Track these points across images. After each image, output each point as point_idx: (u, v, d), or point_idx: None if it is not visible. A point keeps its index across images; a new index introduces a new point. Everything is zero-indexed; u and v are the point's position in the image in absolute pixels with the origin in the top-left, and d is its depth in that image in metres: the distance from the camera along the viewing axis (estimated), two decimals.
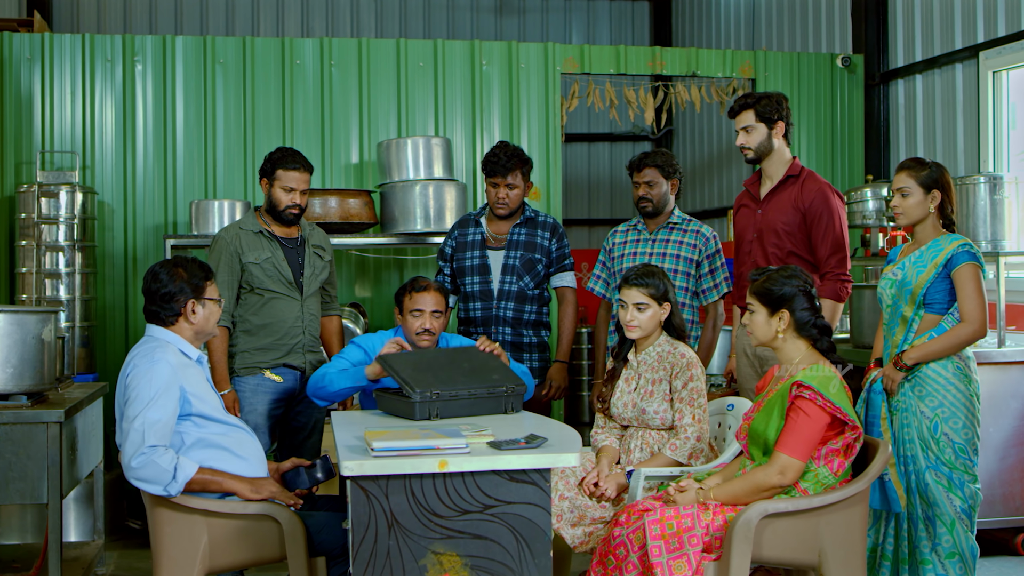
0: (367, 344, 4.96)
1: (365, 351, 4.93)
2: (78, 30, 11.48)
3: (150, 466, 3.85)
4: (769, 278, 4.10)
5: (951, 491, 4.44)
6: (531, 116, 7.67)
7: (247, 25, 12.02)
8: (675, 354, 4.55)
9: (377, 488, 3.48)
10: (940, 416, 4.45)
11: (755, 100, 5.19)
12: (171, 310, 4.07)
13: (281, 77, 7.41)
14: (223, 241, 5.12)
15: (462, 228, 5.67)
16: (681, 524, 3.81)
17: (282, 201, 5.13)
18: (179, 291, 4.06)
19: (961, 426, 4.45)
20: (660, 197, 5.58)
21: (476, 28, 12.52)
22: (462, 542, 3.53)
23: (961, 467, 4.44)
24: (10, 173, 7.06)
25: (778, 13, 9.88)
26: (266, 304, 5.13)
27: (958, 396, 4.46)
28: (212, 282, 4.18)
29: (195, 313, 4.09)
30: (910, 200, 4.58)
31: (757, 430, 4.02)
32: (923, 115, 7.67)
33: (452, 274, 5.64)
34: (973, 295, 4.42)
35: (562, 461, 3.59)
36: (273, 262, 5.12)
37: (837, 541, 3.85)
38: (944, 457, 4.44)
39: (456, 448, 3.54)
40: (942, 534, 4.43)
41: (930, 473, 4.45)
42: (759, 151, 5.23)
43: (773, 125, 5.18)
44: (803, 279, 4.10)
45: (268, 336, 5.13)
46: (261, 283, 5.10)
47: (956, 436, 4.44)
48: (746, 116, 5.20)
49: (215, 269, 5.05)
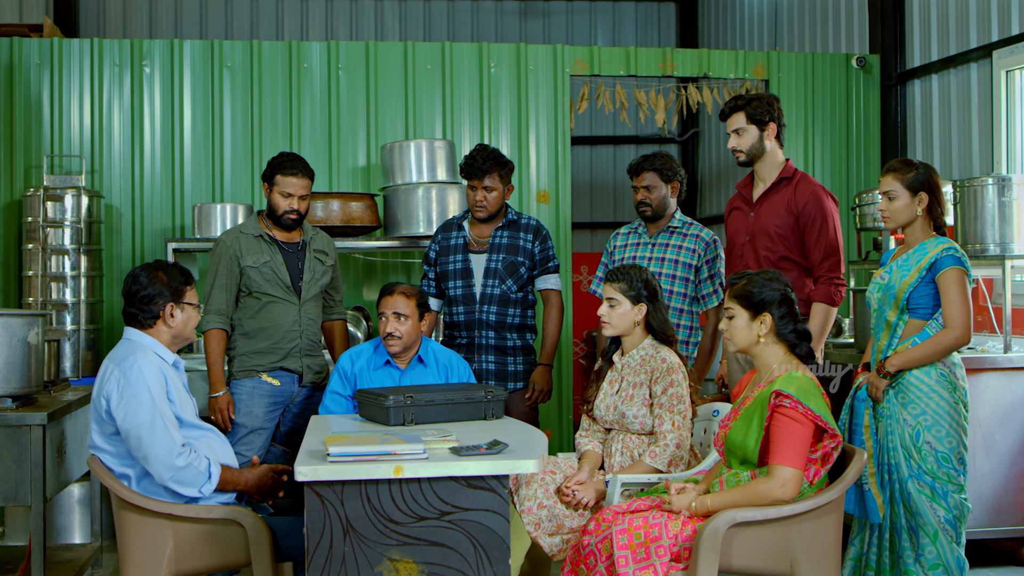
0: (345, 365, 4.97)
1: (342, 375, 4.94)
2: (104, 35, 11.57)
3: (190, 468, 3.87)
4: (750, 281, 4.02)
5: (934, 501, 4.32)
6: (540, 119, 7.62)
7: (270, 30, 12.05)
8: (656, 359, 4.48)
9: (332, 493, 3.45)
10: (923, 424, 4.33)
11: (745, 102, 5.11)
12: (149, 312, 4.07)
13: (288, 80, 7.42)
14: (223, 244, 5.15)
15: (445, 232, 5.63)
16: (648, 534, 3.74)
17: (280, 206, 5.16)
18: (158, 294, 4.06)
19: (944, 435, 4.33)
20: (660, 201, 5.54)
21: (500, 31, 12.46)
22: (419, 549, 3.49)
23: (944, 476, 4.32)
24: (19, 177, 7.12)
25: (799, 13, 9.75)
26: (263, 308, 5.15)
27: (941, 404, 4.34)
28: (192, 287, 4.18)
29: (173, 316, 4.09)
30: (896, 203, 4.46)
31: (735, 440, 3.93)
32: (939, 116, 7.52)
33: (436, 278, 5.61)
34: (957, 300, 4.30)
35: (520, 468, 3.53)
36: (272, 266, 5.15)
37: (810, 550, 3.76)
38: (926, 466, 4.32)
39: (413, 454, 3.51)
40: (925, 544, 4.32)
41: (912, 482, 4.34)
42: (751, 153, 5.15)
43: (764, 127, 5.10)
44: (783, 282, 4.03)
45: (265, 340, 5.15)
46: (259, 287, 5.12)
47: (939, 445, 4.32)
48: (737, 118, 5.13)
49: (215, 272, 5.07)
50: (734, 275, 4.11)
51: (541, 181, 7.59)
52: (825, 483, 3.87)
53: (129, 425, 3.85)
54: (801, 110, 8.01)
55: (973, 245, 5.93)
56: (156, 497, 3.91)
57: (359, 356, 4.96)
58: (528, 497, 4.37)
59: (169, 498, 3.92)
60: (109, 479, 3.92)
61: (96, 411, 3.97)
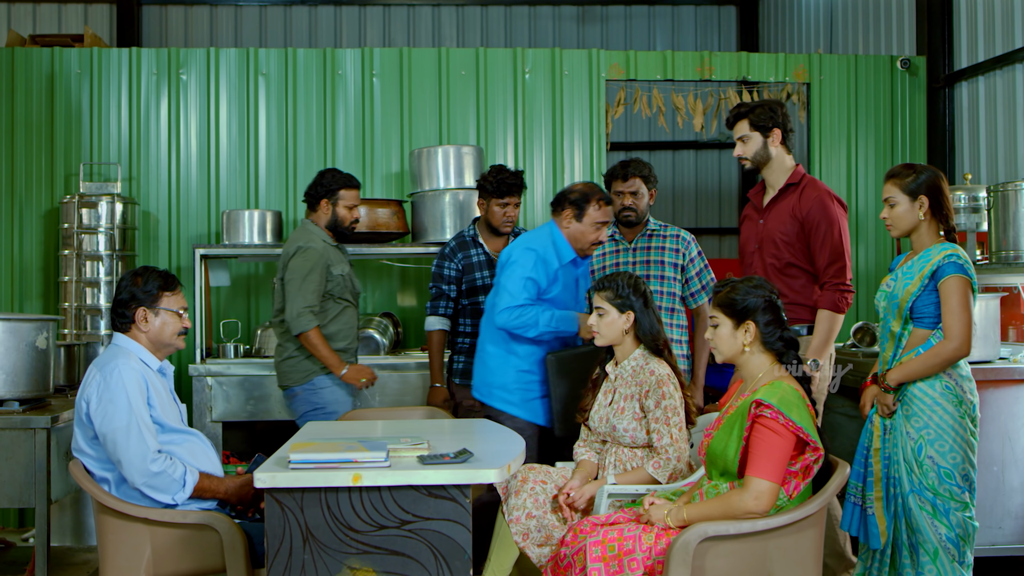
0: (535, 264, 5.02)
1: (536, 282, 5.00)
2: (166, 45, 11.78)
3: (163, 475, 3.90)
4: (733, 288, 3.91)
5: (935, 518, 4.14)
6: (575, 124, 7.55)
7: (329, 38, 12.16)
8: (645, 371, 4.39)
9: (292, 501, 3.44)
10: (925, 438, 4.15)
11: (749, 109, 5.07)
12: (124, 317, 4.11)
13: (323, 88, 7.46)
14: (316, 252, 5.47)
15: (464, 251, 5.72)
16: (622, 547, 3.66)
17: (347, 218, 5.64)
18: (131, 299, 4.09)
19: (948, 450, 4.13)
20: (644, 207, 5.61)
21: (559, 37, 12.40)
22: (379, 558, 3.45)
23: (946, 493, 4.12)
24: (59, 185, 7.26)
25: (851, 15, 9.53)
26: (341, 312, 5.58)
27: (944, 418, 4.15)
28: (172, 294, 4.17)
29: (147, 322, 4.10)
30: (897, 209, 4.31)
31: (715, 450, 3.83)
32: (985, 118, 7.29)
33: (459, 295, 5.72)
34: (956, 310, 4.12)
35: (480, 478, 3.47)
36: (349, 275, 5.61)
37: (788, 566, 3.64)
38: (927, 482, 4.14)
39: (374, 462, 3.47)
40: (925, 563, 4.13)
41: (913, 497, 4.16)
42: (756, 160, 5.08)
43: (768, 133, 5.03)
44: (768, 289, 3.91)
45: (340, 341, 5.56)
46: (340, 293, 5.56)
47: (942, 460, 4.13)
48: (741, 126, 5.08)
49: (305, 276, 5.37)
50: (718, 283, 4.01)
51: None
52: (809, 496, 3.75)
53: (106, 429, 3.88)
54: (844, 114, 7.81)
55: (1007, 251, 5.72)
56: (135, 502, 3.93)
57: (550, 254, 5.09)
58: (517, 507, 4.31)
59: (147, 503, 3.94)
60: (88, 483, 3.96)
61: (78, 415, 4.01)
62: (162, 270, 4.22)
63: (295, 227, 7.23)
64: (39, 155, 7.27)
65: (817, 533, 3.70)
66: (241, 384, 6.39)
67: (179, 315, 4.18)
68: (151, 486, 3.89)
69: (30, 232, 7.23)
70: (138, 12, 11.77)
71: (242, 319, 7.23)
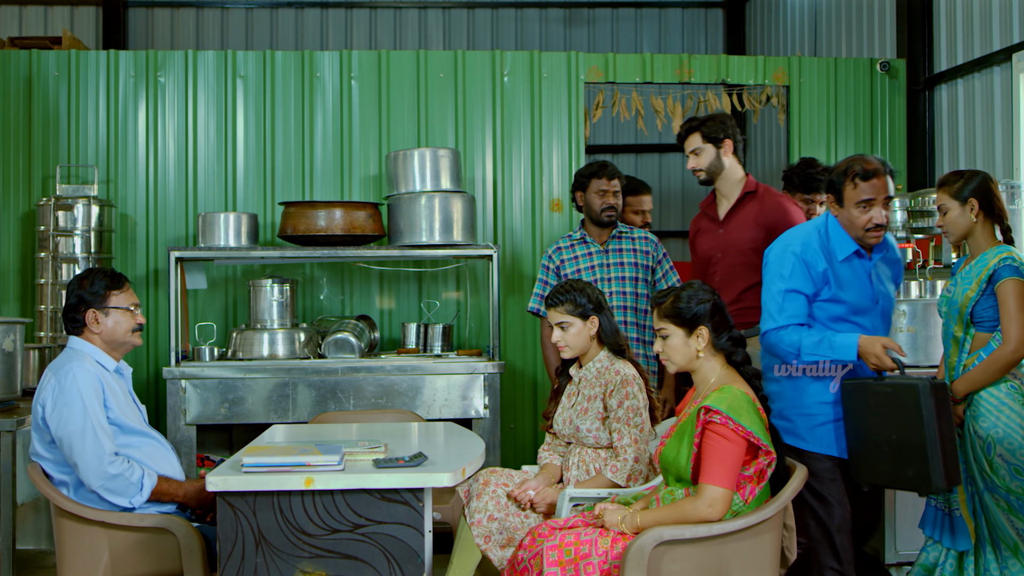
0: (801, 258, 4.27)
1: (799, 292, 4.25)
2: (152, 47, 11.78)
3: (120, 478, 3.88)
4: (677, 297, 3.90)
5: (1011, 514, 4.20)
6: (554, 127, 7.53)
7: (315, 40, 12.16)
8: (610, 371, 4.39)
9: (244, 504, 3.43)
10: (994, 437, 4.21)
11: (699, 123, 5.23)
12: (75, 321, 4.10)
13: (301, 90, 7.44)
14: None
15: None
16: (579, 551, 3.66)
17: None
18: (79, 302, 4.08)
19: (1017, 447, 4.18)
20: (621, 207, 5.71)
21: (545, 39, 12.39)
22: (331, 562, 3.45)
23: (1019, 490, 4.17)
24: (37, 187, 7.24)
25: (835, 17, 9.53)
26: None
27: (1012, 416, 4.21)
28: (120, 291, 4.14)
29: (98, 323, 4.09)
30: (950, 215, 4.40)
31: (668, 457, 3.83)
32: (964, 121, 7.28)
33: None
34: (1014, 313, 4.18)
35: (433, 481, 3.47)
36: None
37: (745, 571, 3.63)
38: (999, 480, 4.20)
39: (327, 465, 3.47)
40: (1007, 557, 4.21)
41: (988, 495, 4.25)
42: (710, 171, 5.25)
43: (720, 144, 5.20)
44: (709, 291, 3.93)
45: None
46: None
47: (1012, 457, 4.18)
48: (693, 139, 5.25)
49: None
50: (658, 293, 3.98)
51: (555, 189, 7.50)
52: (767, 499, 3.74)
53: (61, 433, 3.87)
54: (824, 116, 7.80)
55: None
56: (93, 505, 3.92)
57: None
58: (479, 509, 4.31)
59: (105, 506, 3.93)
60: (46, 486, 3.95)
61: (35, 419, 4.00)
62: (108, 269, 4.22)
63: (272, 230, 7.23)
64: (16, 157, 7.25)
65: (774, 537, 3.70)
66: (216, 387, 6.36)
67: (131, 312, 4.16)
68: (108, 489, 3.88)
69: (7, 234, 7.21)
70: (124, 15, 11.77)
71: (219, 322, 7.20)
